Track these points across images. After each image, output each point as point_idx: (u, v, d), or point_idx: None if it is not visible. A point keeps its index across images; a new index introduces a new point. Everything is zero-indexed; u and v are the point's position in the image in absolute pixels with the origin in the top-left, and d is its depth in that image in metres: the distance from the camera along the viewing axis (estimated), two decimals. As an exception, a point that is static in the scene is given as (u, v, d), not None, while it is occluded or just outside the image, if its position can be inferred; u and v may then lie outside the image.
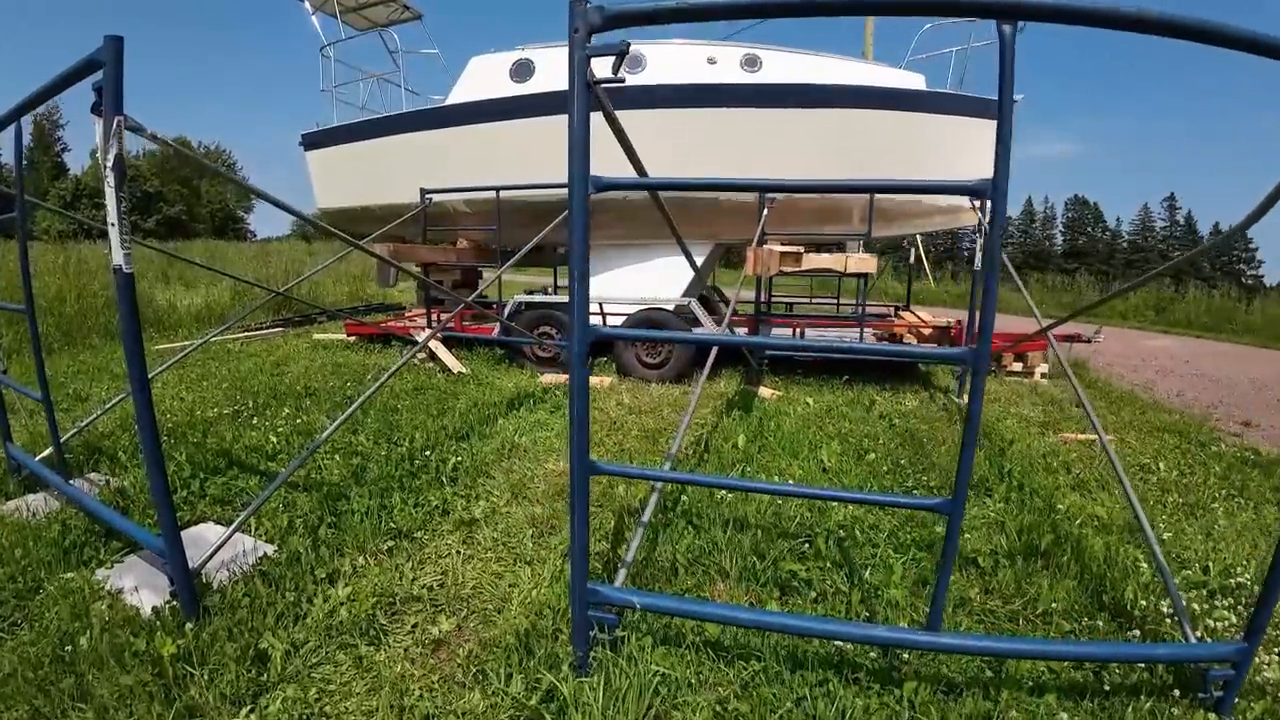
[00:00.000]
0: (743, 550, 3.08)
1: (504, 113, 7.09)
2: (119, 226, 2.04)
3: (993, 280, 1.99)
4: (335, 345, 8.35)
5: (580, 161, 1.91)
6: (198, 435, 4.44)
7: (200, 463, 3.79)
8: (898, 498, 2.65)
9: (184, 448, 4.09)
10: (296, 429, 4.62)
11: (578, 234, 1.93)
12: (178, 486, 3.44)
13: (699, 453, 4.55)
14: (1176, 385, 8.67)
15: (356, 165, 8.47)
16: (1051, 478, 4.53)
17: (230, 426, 4.72)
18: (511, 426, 4.90)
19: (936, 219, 8.12)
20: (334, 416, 4.96)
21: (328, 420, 4.88)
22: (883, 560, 3.17)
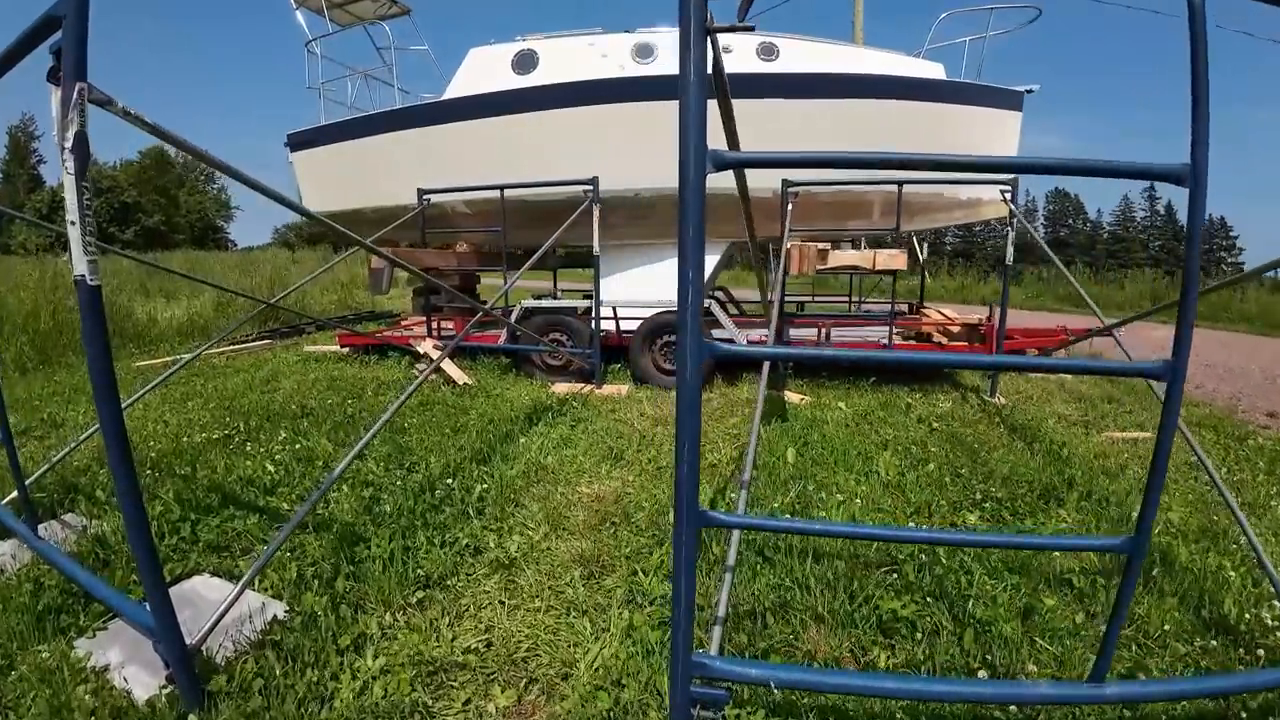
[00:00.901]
0: (831, 587, 2.68)
1: (507, 106, 6.66)
2: (81, 225, 1.61)
3: (1192, 284, 1.59)
4: (328, 358, 7.86)
5: (696, 128, 1.51)
6: (185, 466, 3.97)
7: (190, 501, 3.32)
8: (1070, 540, 2.28)
9: (170, 483, 3.63)
10: (296, 455, 4.16)
11: (692, 221, 1.52)
12: (165, 532, 2.98)
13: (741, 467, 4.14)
14: (1192, 377, 8.47)
15: (347, 166, 7.99)
16: (1114, 482, 4.23)
17: (221, 454, 4.25)
18: (534, 445, 4.46)
19: (957, 213, 7.79)
20: (336, 438, 4.52)
21: (329, 443, 4.43)
22: (980, 588, 2.79)
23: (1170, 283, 18.99)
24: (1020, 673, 2.34)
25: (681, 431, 1.62)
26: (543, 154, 6.62)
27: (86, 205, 1.63)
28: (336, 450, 4.27)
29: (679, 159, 1.53)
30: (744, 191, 3.75)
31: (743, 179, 3.79)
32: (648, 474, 4.07)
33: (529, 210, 6.88)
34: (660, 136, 6.83)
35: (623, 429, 5.05)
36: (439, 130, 7.06)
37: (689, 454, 1.62)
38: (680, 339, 1.55)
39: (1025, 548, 2.91)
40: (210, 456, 4.18)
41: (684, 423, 1.61)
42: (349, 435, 4.60)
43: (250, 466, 3.90)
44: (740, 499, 2.54)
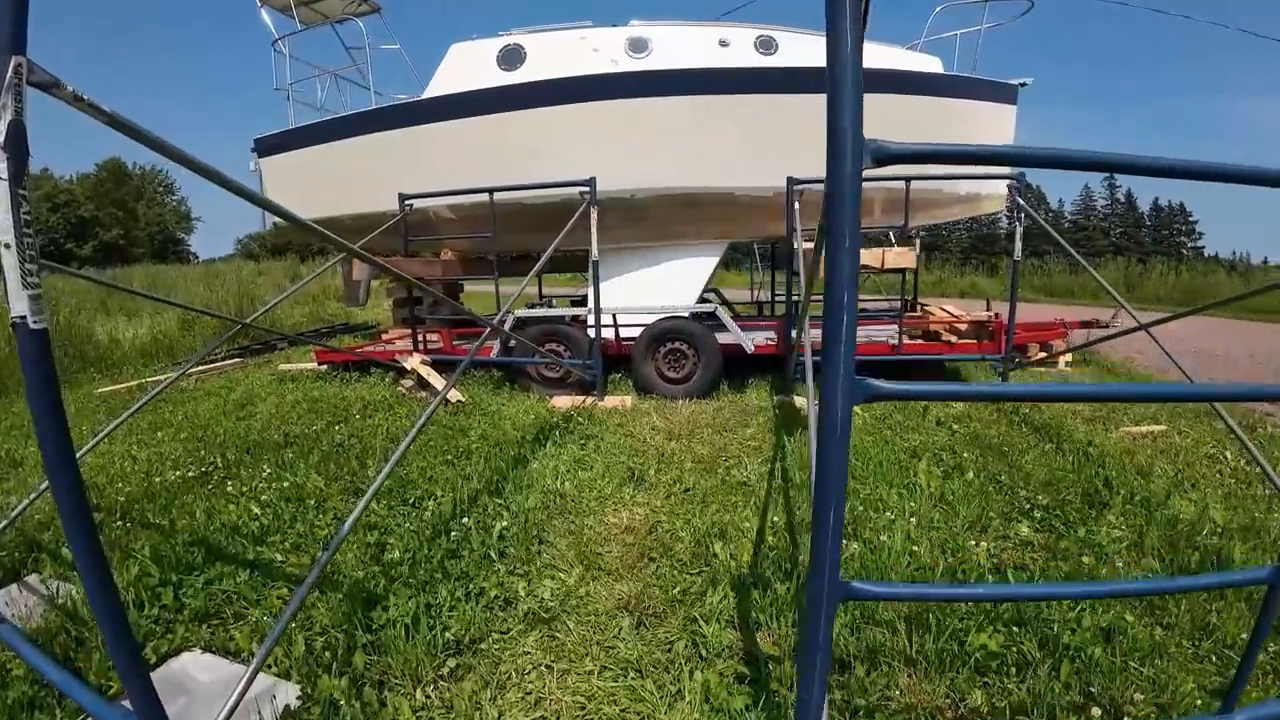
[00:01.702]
0: (910, 623, 2.40)
1: (494, 105, 6.27)
2: (18, 249, 1.21)
3: None
4: (305, 377, 7.38)
5: (852, 115, 1.19)
6: (160, 513, 3.54)
7: (169, 559, 2.90)
8: (1216, 577, 2.01)
9: (145, 537, 3.20)
10: (283, 494, 3.74)
11: (848, 227, 1.20)
12: (145, 600, 2.57)
13: (780, 487, 3.84)
14: (1186, 365, 8.44)
15: (321, 171, 7.52)
16: (1149, 481, 4.08)
17: (199, 496, 3.82)
18: (547, 470, 4.11)
19: (955, 209, 7.62)
20: (326, 472, 4.11)
21: (319, 477, 4.02)
22: (1059, 613, 2.56)
23: (1144, 270, 19.22)
24: (1127, 703, 2.16)
25: (824, 489, 1.30)
26: (532, 154, 6.27)
27: (26, 222, 1.23)
28: (329, 486, 3.87)
29: (829, 150, 1.20)
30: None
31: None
32: (676, 498, 3.75)
33: (520, 214, 6.51)
34: (657, 135, 6.62)
35: (637, 445, 4.72)
36: (421, 131, 6.65)
37: (834, 516, 1.30)
38: (827, 379, 1.23)
39: (1174, 591, 2.68)
40: (187, 499, 3.75)
41: (828, 478, 1.29)
42: (341, 468, 4.19)
43: (234, 511, 3.48)
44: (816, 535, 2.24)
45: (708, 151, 6.16)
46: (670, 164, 6.15)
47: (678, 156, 6.15)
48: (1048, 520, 3.57)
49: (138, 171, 61.44)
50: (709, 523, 3.35)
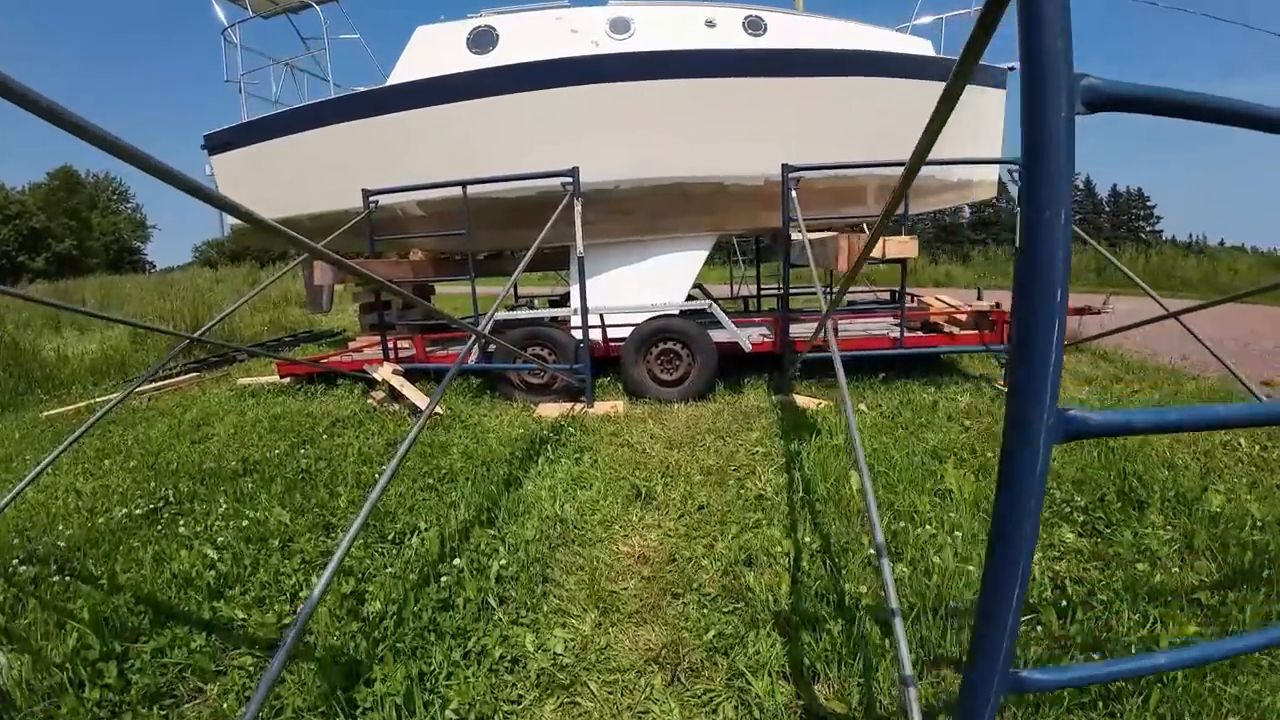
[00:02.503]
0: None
1: (464, 91, 5.79)
2: None
3: None
4: (266, 391, 6.83)
5: (1063, 43, 0.80)
6: (103, 561, 3.06)
7: (114, 623, 2.44)
8: None
9: (86, 596, 2.72)
10: (243, 534, 3.26)
11: (1061, 201, 0.82)
12: (86, 680, 2.11)
13: (804, 500, 3.48)
14: (1172, 347, 8.40)
15: (277, 168, 6.97)
16: (1178, 474, 3.87)
17: (148, 537, 3.34)
18: (542, 491, 3.68)
19: (948, 196, 7.37)
20: (291, 503, 3.64)
21: (283, 510, 3.55)
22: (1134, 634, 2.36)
23: (1116, 253, 19.36)
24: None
25: (1007, 550, 0.93)
26: (507, 144, 5.82)
27: None
28: (295, 521, 3.40)
29: (1027, 84, 0.82)
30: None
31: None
32: (690, 517, 3.37)
33: (495, 209, 6.05)
34: (641, 122, 6.21)
35: (637, 457, 4.33)
36: (385, 121, 6.14)
37: (1018, 586, 0.93)
38: (1022, 411, 0.86)
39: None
40: (134, 544, 3.25)
41: (1015, 537, 0.92)
42: (307, 499, 3.72)
43: (186, 558, 3.00)
44: (886, 578, 1.87)
45: (695, 139, 5.78)
46: (656, 152, 5.76)
47: (663, 144, 5.76)
48: (1089, 523, 3.32)
49: (91, 179, 59.10)
50: (733, 547, 2.98)
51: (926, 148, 1.52)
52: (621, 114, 5.67)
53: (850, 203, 6.65)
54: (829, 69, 5.87)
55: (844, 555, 2.87)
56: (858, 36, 6.40)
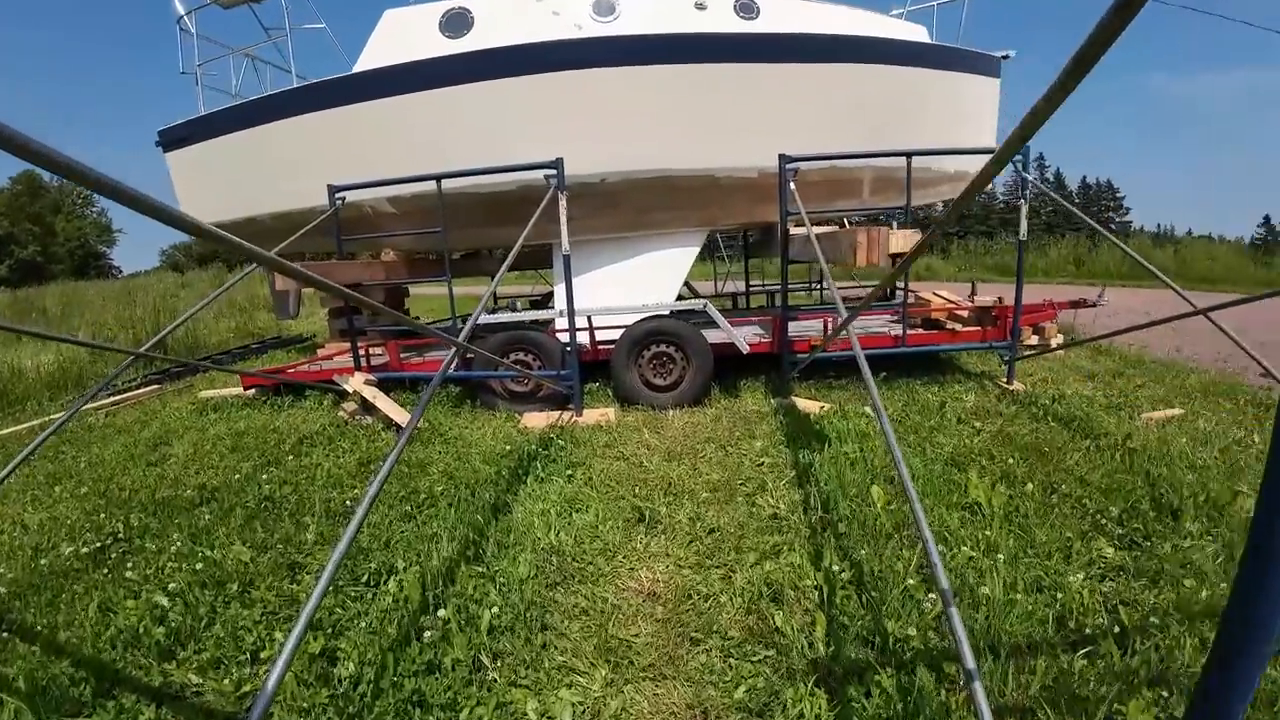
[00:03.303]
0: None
1: (436, 78, 5.38)
2: None
3: None
4: (230, 404, 6.36)
5: None
6: (45, 610, 2.65)
7: (52, 692, 2.04)
8: None
9: (21, 659, 2.31)
10: (198, 578, 2.86)
11: None
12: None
13: (823, 520, 3.16)
14: (1165, 340, 8.30)
15: (236, 164, 6.51)
16: (1202, 475, 3.66)
17: (94, 580, 2.93)
18: (533, 516, 3.32)
19: (944, 188, 7.12)
20: (253, 539, 3.24)
21: (244, 548, 3.14)
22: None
23: (1094, 247, 19.47)
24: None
25: None
26: (483, 135, 5.43)
27: None
28: (256, 561, 3.00)
29: None
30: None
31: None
32: (701, 543, 3.03)
33: (472, 205, 5.66)
34: (628, 110, 5.81)
35: (634, 472, 3.98)
36: (352, 112, 5.70)
37: None
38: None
39: None
40: (79, 589, 2.84)
41: None
42: (270, 533, 3.31)
43: (134, 609, 2.59)
44: (958, 633, 1.56)
45: (685, 128, 5.44)
46: (643, 143, 5.40)
47: (651, 134, 5.41)
48: (1127, 535, 3.07)
49: (55, 184, 57.25)
50: (754, 579, 2.65)
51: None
52: (607, 102, 5.31)
53: (845, 195, 6.36)
54: (826, 55, 5.56)
55: (880, 586, 2.56)
56: (853, 21, 6.11)
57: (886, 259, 3.76)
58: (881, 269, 4.77)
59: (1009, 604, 2.49)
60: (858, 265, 3.75)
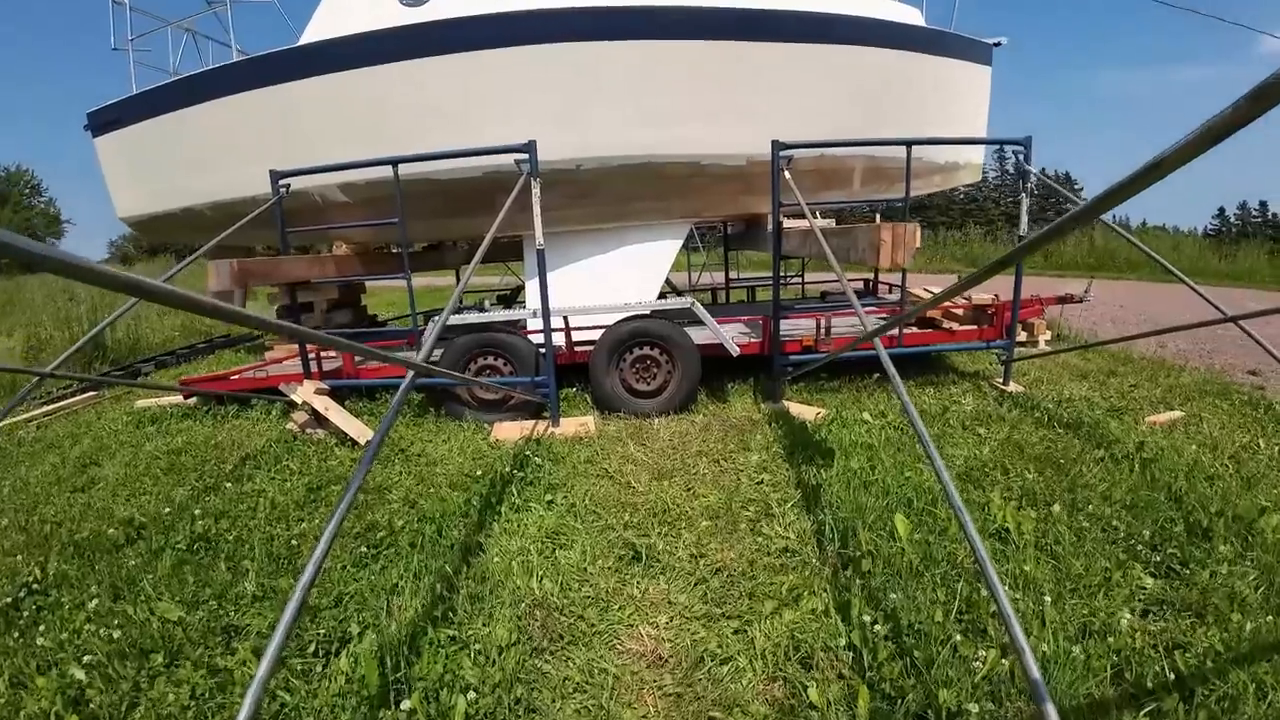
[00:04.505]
0: None
1: (393, 51, 4.82)
2: None
3: None
4: (168, 415, 5.76)
5: None
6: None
7: None
8: None
9: None
10: (116, 646, 2.36)
11: None
12: None
13: (842, 557, 2.78)
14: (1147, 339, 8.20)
15: (171, 149, 5.89)
16: (1214, 485, 3.45)
17: (4, 648, 2.42)
18: (510, 554, 2.88)
19: (935, 179, 6.81)
20: (183, 593, 2.74)
21: (174, 605, 2.65)
22: None
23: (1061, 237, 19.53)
24: None
25: None
26: (445, 116, 4.92)
27: None
28: (186, 620, 2.52)
29: None
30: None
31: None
32: (707, 586, 2.63)
33: (434, 194, 5.14)
34: (608, 91, 4.94)
35: (621, 495, 3.56)
36: (297, 89, 5.12)
37: None
38: None
39: None
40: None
41: None
42: (203, 583, 2.82)
43: (45, 689, 2.10)
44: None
45: (670, 112, 4.99)
46: (623, 127, 4.94)
47: (632, 117, 4.95)
48: (1163, 563, 2.79)
49: (1, 173, 54.32)
50: (775, 634, 2.27)
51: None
52: (583, 81, 4.83)
53: (836, 186, 6.00)
54: (822, 35, 5.16)
55: (922, 642, 2.19)
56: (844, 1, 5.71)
57: (911, 259, 3.38)
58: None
59: (1064, 659, 2.16)
60: (880, 266, 3.37)
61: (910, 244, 3.35)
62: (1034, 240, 1.52)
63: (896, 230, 3.30)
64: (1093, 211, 1.18)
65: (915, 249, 3.82)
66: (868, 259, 3.49)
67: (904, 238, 3.31)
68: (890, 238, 3.28)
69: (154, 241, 7.93)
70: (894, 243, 3.30)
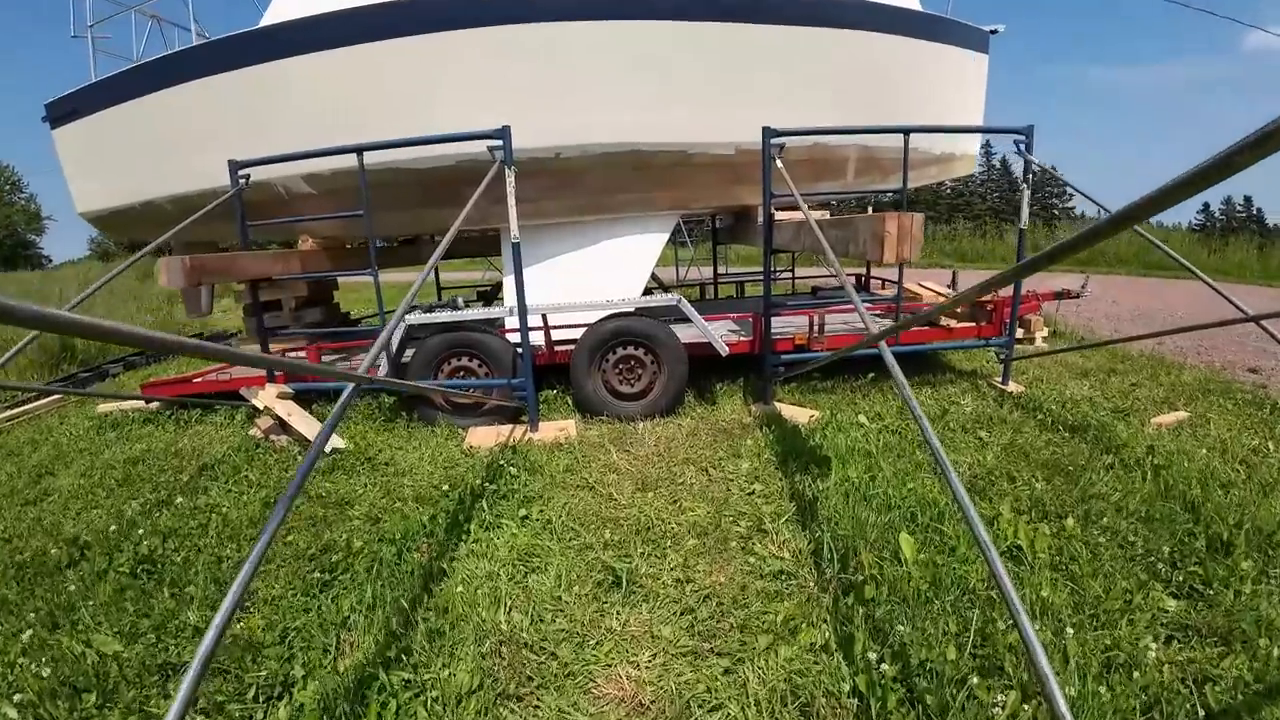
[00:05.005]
0: None
1: (360, 32, 4.51)
2: None
3: None
4: (130, 420, 5.44)
5: None
6: None
7: None
8: None
9: None
10: (45, 687, 2.09)
11: None
12: None
13: (841, 582, 2.53)
14: (1138, 331, 8.02)
15: (128, 139, 5.56)
16: (1231, 494, 3.26)
17: None
18: (476, 580, 2.61)
19: (931, 170, 6.57)
20: (121, 624, 2.47)
21: (112, 639, 2.37)
22: None
23: (1051, 233, 19.49)
24: None
25: None
26: (415, 102, 4.62)
27: None
28: (123, 656, 2.25)
29: None
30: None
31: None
32: (693, 617, 2.37)
33: (405, 184, 4.84)
34: (589, 74, 4.48)
35: (602, 508, 3.30)
36: (259, 74, 4.80)
37: None
38: None
39: None
40: None
41: None
42: (143, 613, 2.54)
43: None
44: None
45: (655, 97, 4.71)
46: (606, 113, 4.65)
47: (615, 103, 4.66)
48: (1185, 582, 2.58)
49: None
50: (770, 678, 2.02)
51: None
52: (563, 64, 4.54)
53: (829, 176, 5.74)
54: (818, 18, 4.89)
55: (935, 684, 1.94)
56: None
57: (918, 253, 3.12)
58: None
59: (1092, 701, 1.93)
60: (884, 261, 3.10)
61: (917, 236, 3.08)
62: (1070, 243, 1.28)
63: (902, 221, 3.02)
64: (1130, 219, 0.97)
65: (921, 242, 3.56)
66: (869, 253, 3.22)
67: (910, 229, 3.04)
68: (896, 229, 3.00)
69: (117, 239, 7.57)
70: (899, 235, 3.02)
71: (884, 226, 3.00)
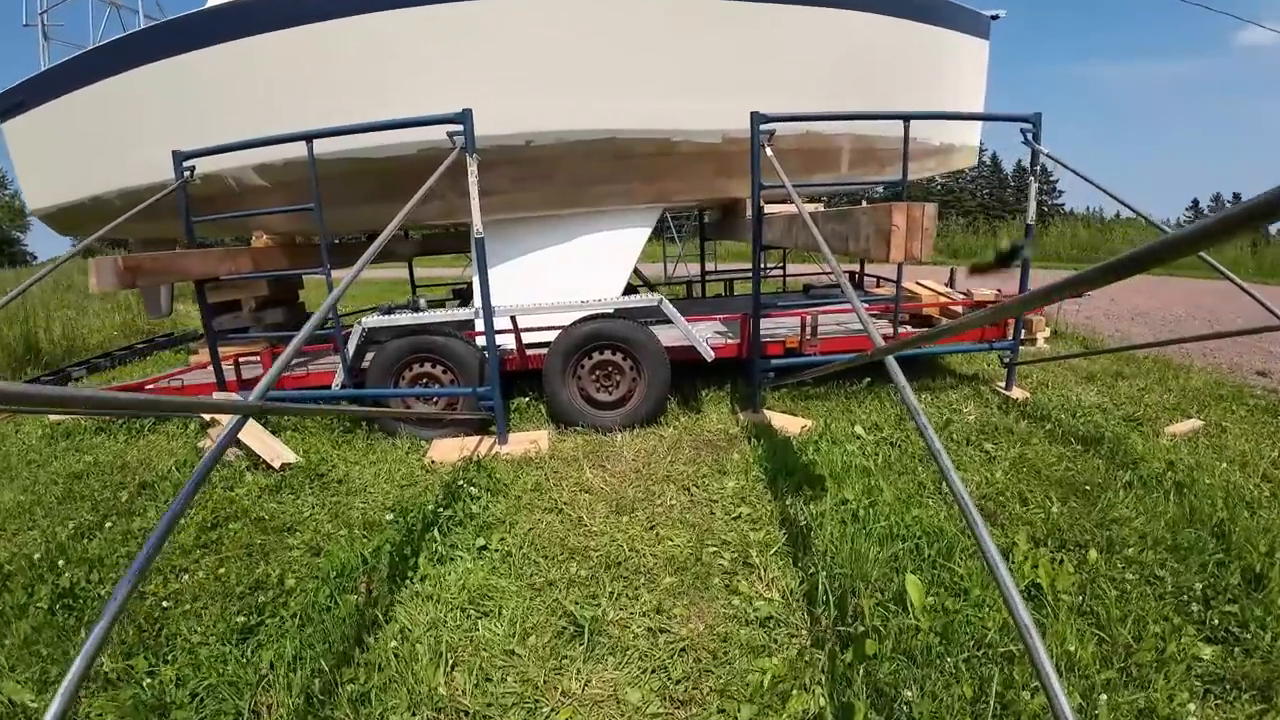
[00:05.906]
0: None
1: (312, 10, 4.13)
2: None
3: None
4: (83, 429, 5.07)
5: None
6: None
7: None
8: None
9: None
10: None
11: None
12: None
13: (844, 634, 2.19)
14: (1140, 333, 7.89)
15: (76, 131, 5.20)
16: (1258, 515, 2.96)
17: None
18: (418, 631, 2.26)
19: (929, 162, 6.25)
20: (33, 669, 2.13)
21: (20, 685, 2.03)
22: None
23: (1044, 229, 19.27)
24: None
25: None
26: (372, 85, 4.26)
27: None
28: (34, 706, 1.92)
29: None
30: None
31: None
32: (665, 676, 2.03)
33: (362, 175, 4.47)
34: (563, 55, 4.01)
35: (570, 535, 2.96)
36: (206, 58, 4.42)
37: None
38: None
39: None
40: None
41: None
42: (54, 662, 2.20)
43: None
44: None
45: (635, 80, 4.35)
46: (581, 97, 4.29)
47: (591, 86, 4.31)
48: (1221, 625, 2.28)
49: None
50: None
51: None
52: (534, 43, 4.17)
53: (822, 167, 5.40)
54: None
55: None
56: None
57: (929, 250, 2.78)
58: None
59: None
60: (892, 259, 2.76)
61: (929, 231, 2.74)
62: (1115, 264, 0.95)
63: (912, 213, 2.66)
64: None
65: (934, 237, 3.21)
66: (873, 250, 2.87)
67: (921, 222, 2.69)
68: (904, 222, 2.64)
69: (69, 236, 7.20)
70: (909, 229, 2.66)
71: (890, 219, 2.65)
